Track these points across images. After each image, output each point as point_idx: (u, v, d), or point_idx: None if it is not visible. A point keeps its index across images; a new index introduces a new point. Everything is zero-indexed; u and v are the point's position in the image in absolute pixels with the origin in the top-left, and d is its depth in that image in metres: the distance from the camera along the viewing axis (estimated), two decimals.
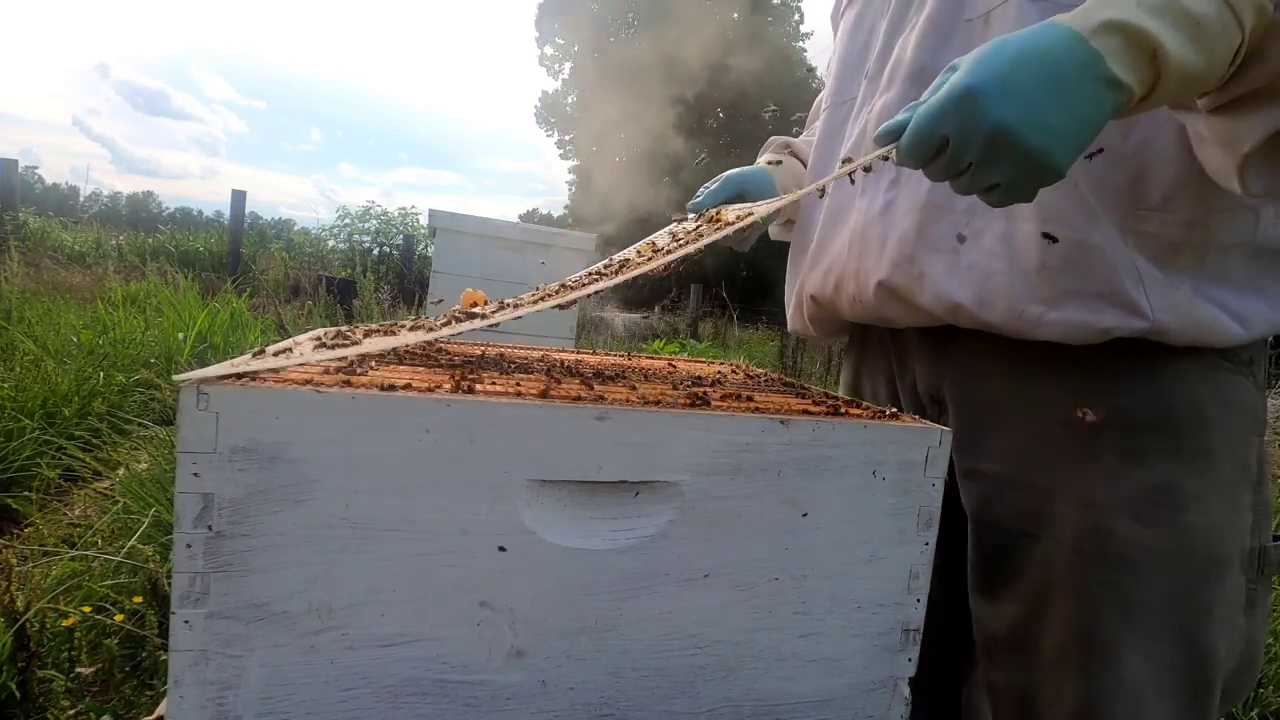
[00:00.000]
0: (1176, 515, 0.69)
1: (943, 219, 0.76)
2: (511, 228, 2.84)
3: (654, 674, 0.65)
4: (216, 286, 6.08)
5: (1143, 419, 0.70)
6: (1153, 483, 0.69)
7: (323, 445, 0.55)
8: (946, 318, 0.77)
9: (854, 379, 1.02)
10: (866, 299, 0.83)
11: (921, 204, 0.77)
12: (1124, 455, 0.70)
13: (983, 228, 0.73)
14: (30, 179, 38.92)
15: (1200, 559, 0.69)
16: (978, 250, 0.73)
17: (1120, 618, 0.70)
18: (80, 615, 1.57)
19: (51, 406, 2.74)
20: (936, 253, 0.76)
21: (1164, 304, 0.67)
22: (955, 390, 0.81)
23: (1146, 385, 0.70)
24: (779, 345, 8.47)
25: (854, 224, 0.85)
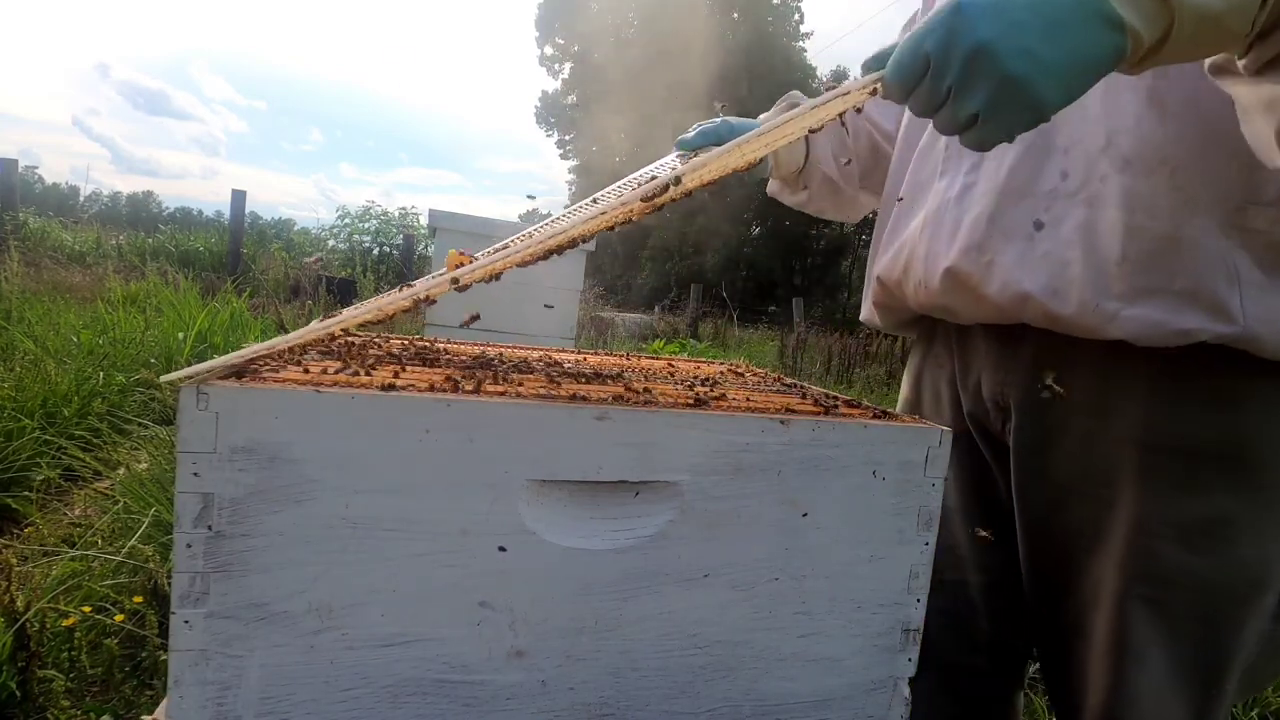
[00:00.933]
0: (1226, 546, 0.68)
1: (1020, 204, 0.72)
2: (511, 228, 2.84)
3: (654, 674, 0.65)
4: (216, 286, 6.08)
5: (1208, 450, 0.68)
6: (1207, 514, 0.68)
7: (323, 445, 0.55)
8: (1012, 310, 0.73)
9: (916, 378, 0.99)
10: (932, 285, 0.79)
11: (999, 187, 0.73)
12: (1183, 484, 0.68)
13: (1063, 214, 0.69)
14: (30, 179, 38.94)
15: (1242, 585, 0.69)
16: (1054, 239, 0.70)
17: (1152, 626, 0.70)
18: (80, 615, 1.57)
19: (51, 406, 2.74)
20: (1010, 240, 0.72)
21: (1259, 310, 0.63)
22: (1021, 396, 0.78)
23: (1218, 416, 0.67)
24: (779, 345, 8.47)
25: (930, 206, 0.81)
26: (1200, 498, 0.68)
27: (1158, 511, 0.69)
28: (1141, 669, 0.71)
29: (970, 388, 0.85)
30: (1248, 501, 0.67)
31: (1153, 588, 0.70)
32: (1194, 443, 0.68)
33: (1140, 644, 0.71)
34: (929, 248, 0.80)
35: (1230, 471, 0.68)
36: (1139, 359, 0.69)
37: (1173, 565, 0.69)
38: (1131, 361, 0.69)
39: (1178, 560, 0.69)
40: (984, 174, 0.75)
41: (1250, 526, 0.67)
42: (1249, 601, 0.69)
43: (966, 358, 0.86)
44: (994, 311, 0.75)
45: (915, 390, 0.98)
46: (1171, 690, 0.71)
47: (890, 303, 0.92)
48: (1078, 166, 0.69)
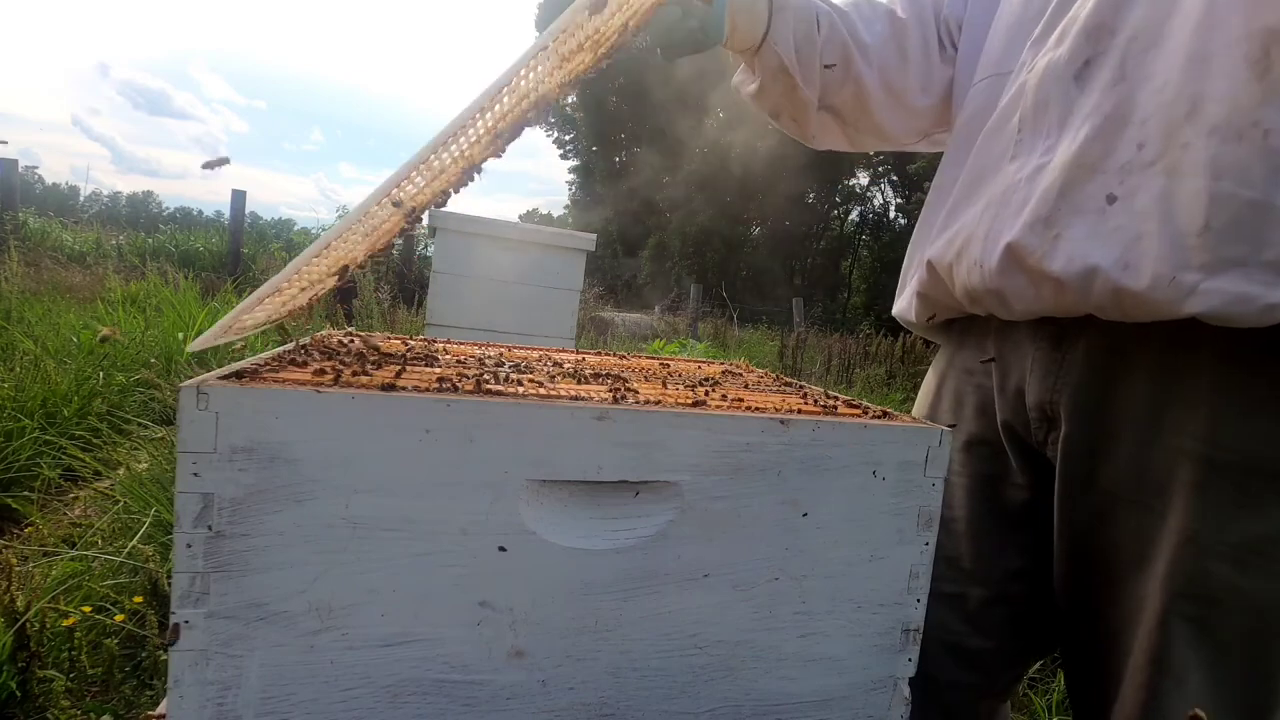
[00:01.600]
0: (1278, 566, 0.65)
1: (1093, 178, 0.67)
2: (511, 228, 2.84)
3: (654, 674, 0.65)
4: (216, 286, 6.08)
5: (1271, 467, 0.64)
6: (1263, 533, 0.65)
7: (323, 445, 0.55)
8: (1076, 289, 0.68)
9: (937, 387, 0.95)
10: (989, 265, 0.74)
11: (1070, 162, 0.69)
12: (1241, 502, 0.65)
13: (1138, 186, 0.64)
14: (30, 179, 38.92)
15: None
16: (1128, 211, 0.65)
17: (1193, 647, 0.68)
18: (80, 615, 1.57)
19: (51, 406, 2.74)
20: (1080, 214, 0.68)
21: None
22: (1074, 400, 0.74)
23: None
24: (779, 345, 8.47)
25: (997, 188, 0.77)
26: (1258, 515, 0.64)
27: (1210, 528, 0.66)
28: (1179, 691, 0.68)
29: (1010, 394, 0.81)
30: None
31: (1198, 606, 0.67)
32: (1256, 458, 0.64)
33: (1180, 665, 0.68)
34: (991, 227, 0.75)
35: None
36: (1202, 364, 0.66)
37: (1222, 584, 0.66)
38: (1194, 368, 0.66)
39: (1228, 580, 0.65)
40: (1057, 153, 0.71)
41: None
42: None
43: (1007, 363, 0.82)
44: (1053, 294, 0.70)
45: (934, 399, 0.95)
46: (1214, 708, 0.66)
47: (934, 292, 0.87)
48: (1155, 136, 0.64)
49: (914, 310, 0.91)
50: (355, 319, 5.55)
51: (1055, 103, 0.72)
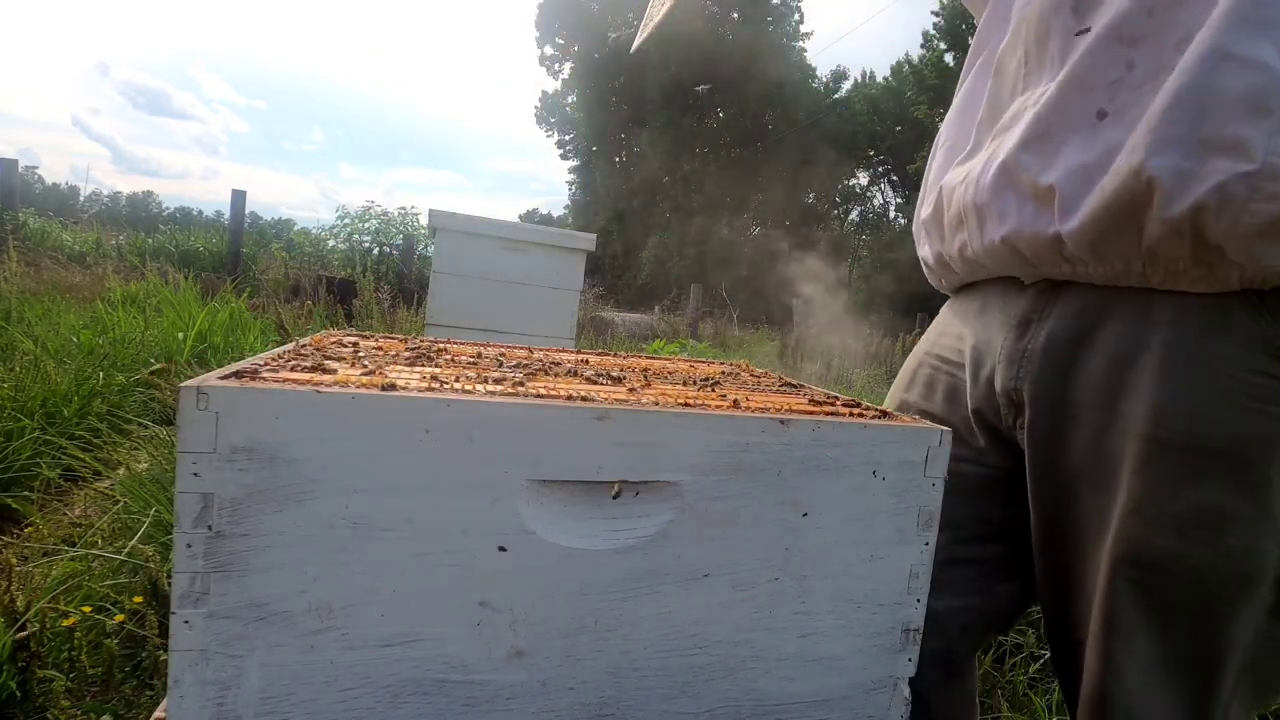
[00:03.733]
0: (1218, 537, 0.68)
1: (1084, 94, 0.70)
2: (511, 228, 2.84)
3: (654, 674, 0.65)
4: (216, 286, 6.08)
5: (1214, 446, 0.67)
6: (1203, 504, 0.68)
7: (323, 445, 0.55)
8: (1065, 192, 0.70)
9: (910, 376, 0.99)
10: (984, 181, 0.77)
11: (1064, 80, 0.72)
12: (1183, 477, 0.68)
13: (1129, 103, 0.67)
14: (30, 179, 38.91)
15: (1230, 576, 0.68)
16: (1117, 126, 0.68)
17: (1144, 614, 0.71)
18: (80, 615, 1.57)
19: (51, 406, 2.74)
20: (1074, 130, 0.70)
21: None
22: (1035, 389, 0.78)
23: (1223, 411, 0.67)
24: (779, 345, 8.47)
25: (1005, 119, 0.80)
26: (1199, 489, 0.68)
27: (1154, 500, 0.69)
28: (1129, 651, 0.72)
29: (982, 383, 0.85)
30: (1241, 494, 0.67)
31: (1141, 571, 0.71)
32: (1196, 437, 0.68)
33: (1127, 627, 0.72)
34: (994, 150, 0.78)
35: (1231, 466, 0.67)
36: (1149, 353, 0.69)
37: (1164, 552, 0.69)
38: (1141, 357, 0.70)
39: (1169, 547, 0.69)
40: (1059, 78, 0.73)
41: (1244, 520, 0.67)
42: (1238, 595, 0.69)
43: (980, 354, 0.85)
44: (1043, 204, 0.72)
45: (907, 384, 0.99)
46: (1161, 676, 0.71)
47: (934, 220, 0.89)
48: (1147, 59, 0.66)
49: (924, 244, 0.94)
50: (355, 319, 5.55)
51: (1057, 35, 0.74)
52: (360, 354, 0.79)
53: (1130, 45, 0.67)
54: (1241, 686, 0.72)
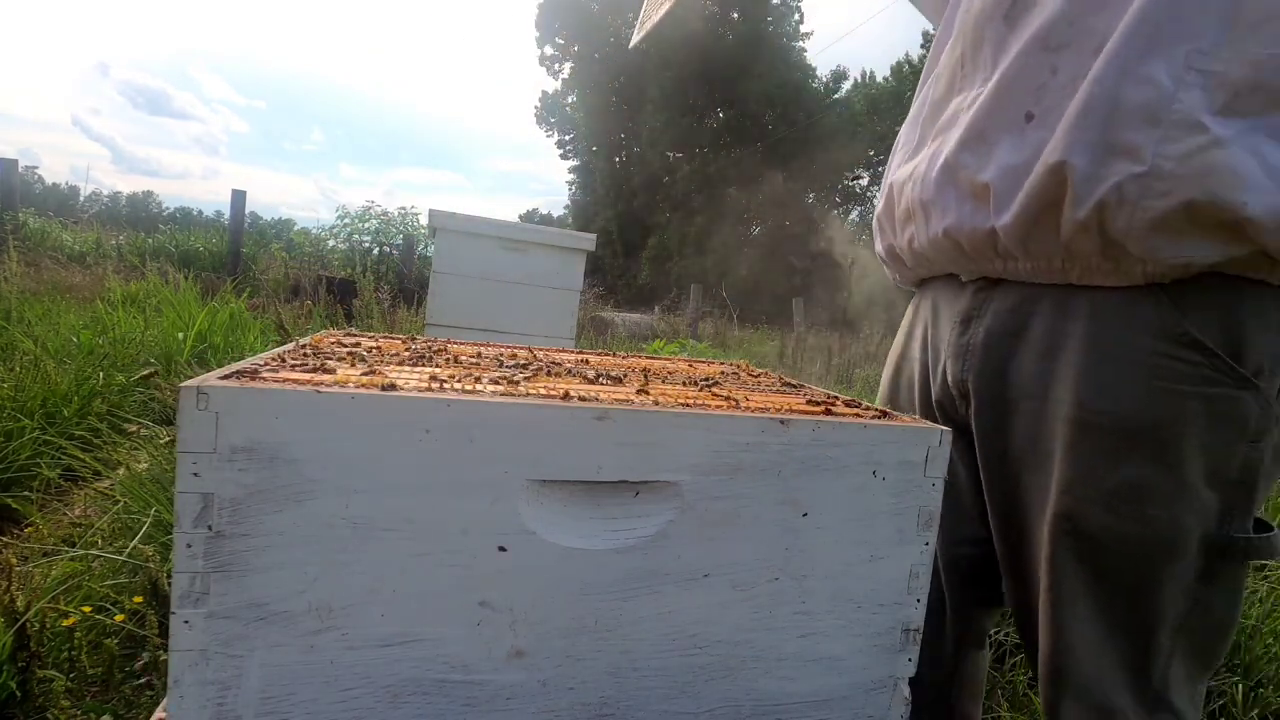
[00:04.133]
0: (1141, 508, 0.73)
1: (1013, 98, 0.76)
2: (511, 228, 2.84)
3: (654, 674, 0.65)
4: (216, 286, 6.08)
5: (1133, 426, 0.73)
6: (1127, 480, 0.73)
7: (323, 445, 0.55)
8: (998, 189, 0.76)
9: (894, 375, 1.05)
10: (929, 179, 0.83)
11: (995, 85, 0.78)
12: (1108, 456, 0.74)
13: (1053, 105, 0.73)
14: (30, 179, 38.89)
15: (1155, 543, 0.74)
16: (1044, 127, 0.74)
17: (1084, 582, 0.77)
18: (80, 615, 1.57)
19: (51, 406, 2.74)
20: (1006, 131, 0.76)
21: (1174, 150, 0.65)
22: (978, 381, 0.84)
23: (1136, 393, 0.72)
24: (779, 345, 8.47)
25: (944, 119, 0.86)
26: (1122, 465, 0.73)
27: (1083, 479, 0.75)
28: (1074, 620, 0.77)
29: (939, 376, 0.90)
30: (1159, 468, 0.72)
31: (1078, 543, 0.76)
32: (1116, 419, 0.74)
33: (1070, 596, 0.77)
34: (936, 149, 0.84)
35: (1149, 444, 0.72)
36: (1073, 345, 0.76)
37: (1096, 525, 0.75)
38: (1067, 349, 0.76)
39: (1100, 521, 0.75)
40: (991, 82, 0.79)
41: (1160, 492, 0.73)
42: (1165, 563, 0.74)
43: (937, 349, 0.91)
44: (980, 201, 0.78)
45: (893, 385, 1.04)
46: (1106, 641, 0.77)
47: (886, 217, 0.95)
48: (1068, 64, 0.73)
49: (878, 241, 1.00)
50: (355, 319, 5.55)
51: (989, 41, 0.81)
52: (360, 354, 0.79)
53: (1054, 52, 0.73)
54: (1178, 647, 0.77)
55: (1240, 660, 1.84)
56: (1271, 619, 1.97)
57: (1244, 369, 0.70)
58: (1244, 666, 1.82)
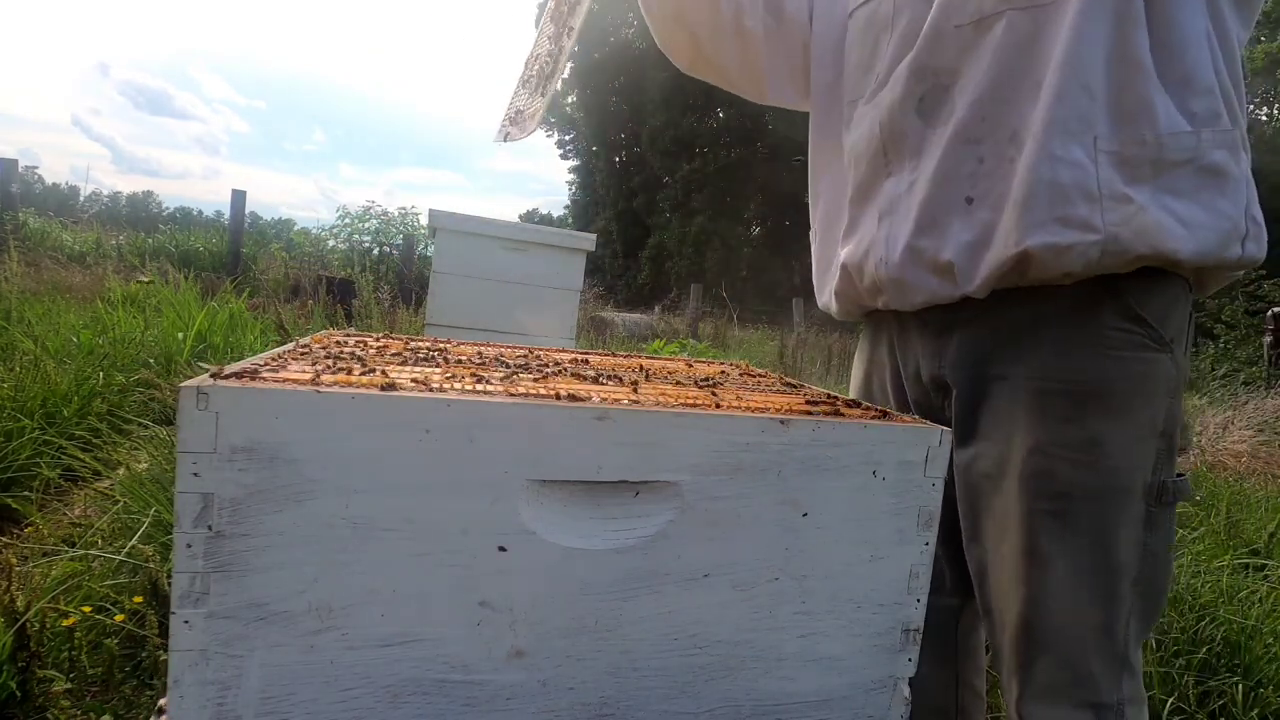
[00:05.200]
0: (1100, 460, 0.85)
1: (952, 187, 0.89)
2: (511, 228, 2.83)
3: (654, 674, 0.65)
4: (216, 286, 6.08)
5: (1084, 389, 0.85)
6: (1086, 436, 0.85)
7: (323, 445, 0.55)
8: (964, 266, 0.88)
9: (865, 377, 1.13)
10: (893, 261, 0.94)
11: (932, 177, 0.90)
12: (1067, 416, 0.85)
13: (987, 189, 0.87)
14: (30, 179, 38.88)
15: (1113, 491, 0.85)
16: (983, 206, 0.87)
17: (1056, 535, 0.86)
18: (80, 615, 1.57)
19: (51, 406, 2.73)
20: (952, 213, 0.89)
21: (1115, 218, 0.80)
22: (954, 374, 0.94)
23: (1093, 363, 0.85)
24: (779, 345, 8.47)
25: (883, 202, 0.97)
26: (1080, 424, 0.85)
27: (1047, 437, 0.86)
28: (1049, 575, 0.86)
29: (911, 376, 1.01)
30: (1112, 423, 0.85)
31: (1053, 501, 0.85)
32: (1077, 385, 0.85)
33: (1046, 553, 0.86)
34: (890, 232, 0.95)
35: (1101, 402, 0.85)
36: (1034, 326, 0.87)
37: (1066, 480, 0.85)
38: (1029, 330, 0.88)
39: (1069, 476, 0.85)
40: (921, 171, 0.92)
41: (1114, 443, 0.85)
42: (1120, 510, 0.85)
43: (906, 354, 1.02)
44: (941, 277, 0.91)
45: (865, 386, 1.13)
46: (1075, 594, 0.85)
47: (848, 289, 1.05)
48: (991, 153, 0.87)
49: (835, 305, 1.11)
50: (355, 319, 5.55)
51: (909, 133, 0.93)
52: (360, 354, 0.79)
53: (976, 144, 0.87)
54: (1134, 604, 0.86)
55: (1240, 660, 1.84)
56: (1271, 619, 1.97)
57: (1165, 336, 0.86)
58: (1244, 666, 1.82)
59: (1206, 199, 0.82)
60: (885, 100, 0.96)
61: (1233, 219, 0.83)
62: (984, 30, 0.86)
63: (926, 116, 0.92)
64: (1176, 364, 0.88)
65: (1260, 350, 8.63)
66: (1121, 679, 0.87)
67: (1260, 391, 6.28)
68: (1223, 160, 0.82)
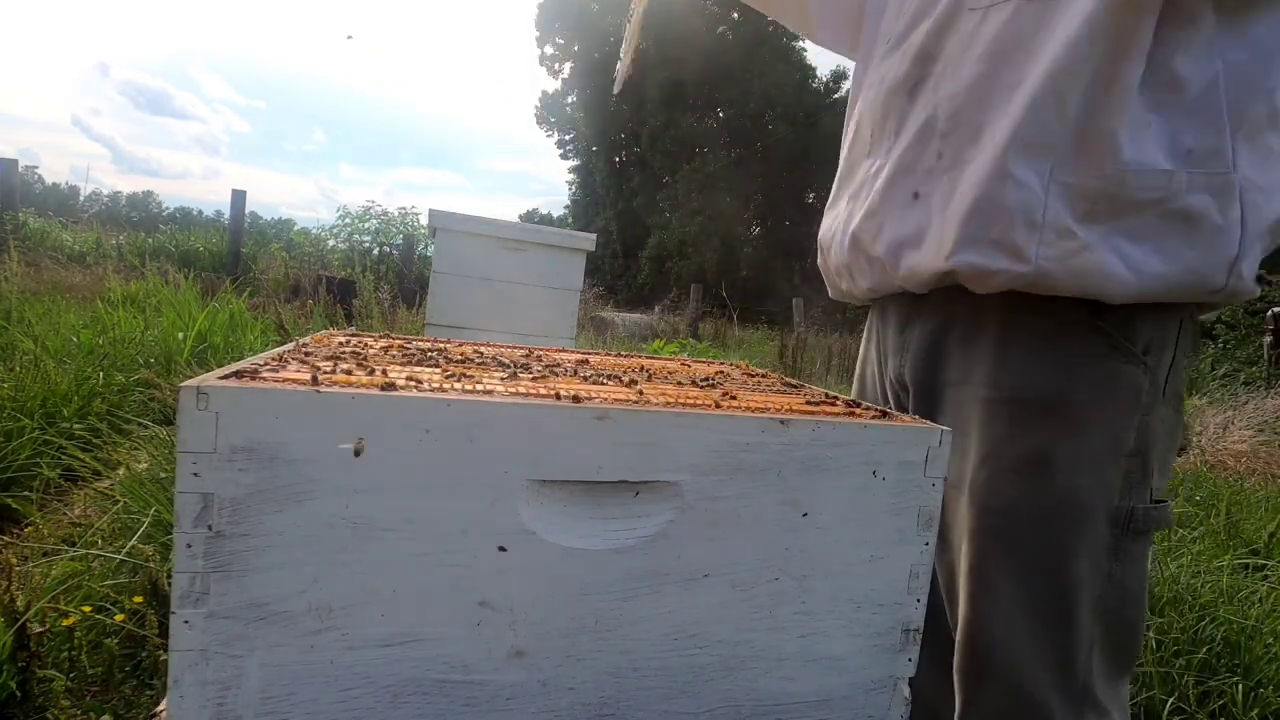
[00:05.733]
0: (1049, 476, 0.79)
1: (907, 179, 0.86)
2: (511, 228, 2.83)
3: (654, 674, 0.65)
4: (216, 286, 6.08)
5: (1033, 396, 0.80)
6: (1034, 448, 0.79)
7: (323, 445, 0.55)
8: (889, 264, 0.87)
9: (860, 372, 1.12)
10: (843, 247, 0.94)
11: (894, 165, 0.87)
12: (1015, 424, 0.81)
13: (934, 188, 0.84)
14: (30, 179, 38.86)
15: (1065, 512, 0.79)
16: (925, 207, 0.84)
17: (1000, 555, 0.81)
18: (80, 615, 1.57)
19: (51, 406, 2.74)
20: (895, 206, 0.87)
21: (1052, 252, 0.76)
22: (913, 372, 0.92)
23: (1042, 370, 0.80)
24: (779, 345, 8.47)
25: (855, 182, 0.95)
26: (1028, 434, 0.80)
27: (995, 449, 0.81)
28: (993, 594, 0.81)
29: (890, 374, 0.99)
30: (1063, 437, 0.79)
31: (999, 519, 0.81)
32: (1026, 393, 0.81)
33: (990, 572, 0.81)
34: (849, 214, 0.94)
35: (1051, 413, 0.79)
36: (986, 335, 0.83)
37: (1011, 496, 0.80)
38: (981, 338, 0.84)
39: (1014, 492, 0.80)
40: (890, 156, 0.89)
41: (1066, 460, 0.78)
42: (1074, 534, 0.79)
43: (884, 349, 0.99)
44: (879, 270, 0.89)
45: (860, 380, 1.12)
46: (1019, 618, 0.80)
47: (825, 269, 1.05)
48: (951, 150, 0.83)
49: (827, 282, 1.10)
50: (355, 319, 5.55)
51: (894, 114, 0.90)
52: (360, 354, 0.79)
53: (941, 139, 0.83)
54: (1097, 637, 0.80)
55: (1240, 660, 1.84)
56: (1271, 619, 1.97)
57: (1134, 346, 0.78)
58: (1244, 667, 1.82)
59: (1171, 247, 0.74)
60: (887, 77, 0.91)
61: (1199, 273, 0.74)
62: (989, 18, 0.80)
63: (913, 97, 0.88)
64: (1151, 375, 0.79)
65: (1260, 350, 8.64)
66: (1084, 715, 0.80)
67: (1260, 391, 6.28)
68: (1200, 206, 0.73)
